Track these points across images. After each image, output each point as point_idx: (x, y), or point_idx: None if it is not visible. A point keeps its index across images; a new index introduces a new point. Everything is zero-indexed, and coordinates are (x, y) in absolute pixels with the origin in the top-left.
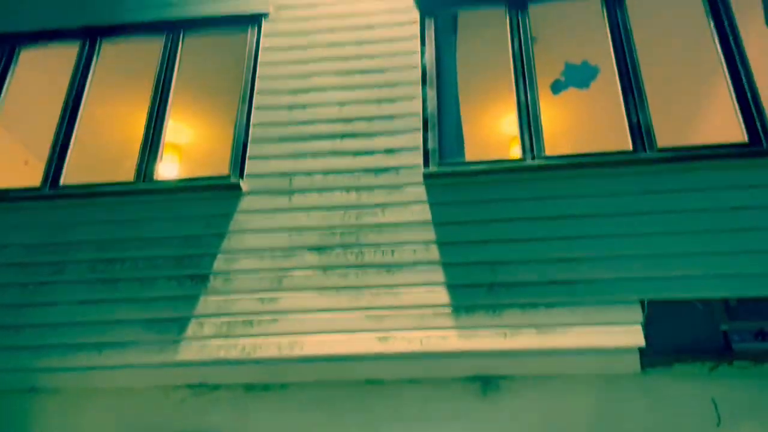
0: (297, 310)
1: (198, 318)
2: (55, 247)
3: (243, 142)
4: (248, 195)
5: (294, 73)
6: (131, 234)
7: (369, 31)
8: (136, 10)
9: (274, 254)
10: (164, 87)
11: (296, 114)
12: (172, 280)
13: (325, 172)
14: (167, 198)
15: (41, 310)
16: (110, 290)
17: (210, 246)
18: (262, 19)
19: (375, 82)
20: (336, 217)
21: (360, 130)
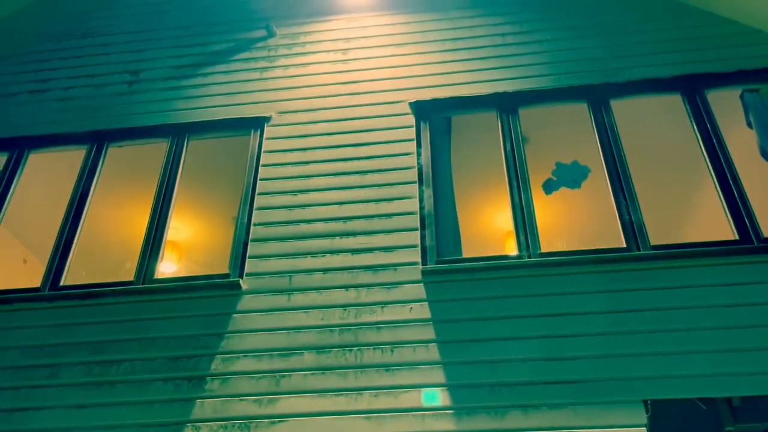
0: (295, 414)
1: (194, 423)
2: (51, 349)
3: (243, 241)
4: (248, 294)
5: (294, 174)
6: (129, 335)
7: (366, 134)
8: (143, 115)
9: (273, 355)
10: (168, 188)
11: (296, 213)
12: (168, 382)
13: (325, 270)
14: (166, 298)
15: (35, 414)
16: (105, 394)
17: (208, 347)
18: (265, 123)
19: (372, 182)
20: (335, 316)
21: (358, 229)
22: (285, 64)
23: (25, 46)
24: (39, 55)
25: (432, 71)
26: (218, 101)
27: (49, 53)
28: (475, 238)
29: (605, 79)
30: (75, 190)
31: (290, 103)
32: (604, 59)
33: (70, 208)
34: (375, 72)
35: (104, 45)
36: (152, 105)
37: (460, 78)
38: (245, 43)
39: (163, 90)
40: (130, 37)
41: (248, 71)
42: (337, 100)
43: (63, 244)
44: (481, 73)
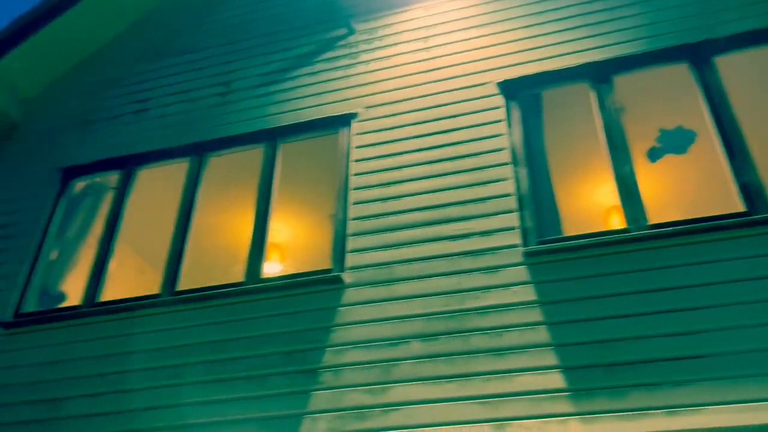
0: (408, 402)
1: (311, 414)
2: (174, 351)
3: (343, 236)
4: (351, 287)
5: (386, 166)
6: (243, 333)
7: (454, 119)
8: (237, 124)
9: (381, 345)
10: (266, 191)
11: (391, 205)
12: (283, 376)
13: (424, 259)
14: (275, 296)
15: (164, 412)
16: (226, 390)
17: (318, 340)
18: (352, 120)
19: (465, 167)
20: (438, 303)
21: (454, 215)
22: (367, 59)
23: (124, 70)
24: (138, 77)
25: (517, 48)
26: (306, 103)
27: (147, 74)
28: (575, 216)
29: (705, 36)
30: (182, 200)
31: (375, 97)
32: (701, 15)
33: (179, 217)
34: (458, 56)
35: (197, 60)
36: (245, 113)
37: (547, 52)
38: (327, 43)
39: (254, 98)
40: (219, 50)
41: (332, 70)
42: (422, 88)
43: (176, 251)
44: (569, 44)
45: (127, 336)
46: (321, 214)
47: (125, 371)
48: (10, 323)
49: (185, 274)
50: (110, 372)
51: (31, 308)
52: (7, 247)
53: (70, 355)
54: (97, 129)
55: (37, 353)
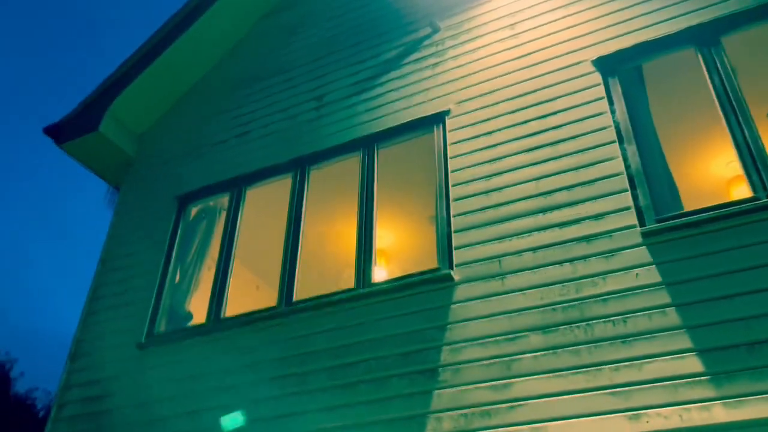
0: (533, 396)
1: (434, 413)
2: (296, 359)
3: (447, 234)
4: (461, 284)
5: (484, 159)
6: (360, 337)
7: (550, 103)
8: (333, 135)
9: (498, 340)
10: (368, 198)
11: (494, 197)
12: (403, 377)
13: (534, 249)
14: (386, 298)
15: (293, 419)
16: (349, 394)
17: (433, 339)
18: (445, 117)
19: (567, 151)
20: (554, 293)
21: (562, 201)
22: (454, 54)
23: (224, 97)
24: (237, 102)
25: (609, 22)
26: (398, 106)
27: (246, 98)
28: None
29: None
30: (289, 214)
31: (466, 92)
32: None
33: (288, 231)
34: (548, 39)
35: (290, 79)
36: (339, 124)
37: (643, 21)
38: (413, 44)
39: (347, 108)
40: (310, 66)
41: (421, 71)
42: (514, 76)
43: (288, 263)
44: (666, 10)
45: (250, 348)
46: (422, 215)
47: (253, 382)
48: (144, 344)
49: (299, 285)
50: (240, 383)
51: (162, 329)
52: (136, 273)
53: (202, 370)
54: (205, 155)
55: (171, 370)
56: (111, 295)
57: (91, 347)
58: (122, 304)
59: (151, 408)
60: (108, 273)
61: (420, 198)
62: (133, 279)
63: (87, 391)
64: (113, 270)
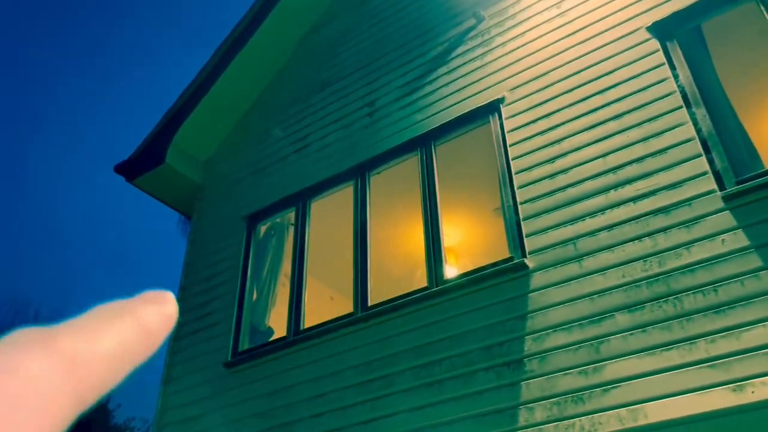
0: (626, 378)
1: (525, 404)
2: (379, 363)
3: (516, 222)
4: (536, 271)
5: (545, 142)
6: (440, 335)
7: (609, 76)
8: (389, 138)
9: (582, 324)
10: (431, 195)
11: (560, 180)
12: (489, 371)
13: (609, 227)
14: (461, 294)
15: (384, 422)
16: (436, 393)
17: (514, 330)
18: (500, 105)
19: (632, 122)
20: (636, 270)
21: (632, 175)
22: (502, 42)
23: (280, 115)
24: (294, 117)
25: None
26: (450, 101)
27: (301, 113)
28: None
29: None
30: (354, 221)
31: (519, 77)
32: None
33: (356, 238)
34: (597, 12)
35: (341, 89)
36: (393, 126)
37: None
38: (459, 37)
39: (400, 109)
40: (359, 74)
41: (469, 63)
42: (566, 54)
43: (360, 269)
44: None
45: (333, 356)
46: (487, 208)
47: (340, 389)
48: (231, 363)
49: (373, 290)
50: (327, 392)
51: (245, 346)
52: (217, 295)
53: (289, 382)
54: (268, 173)
55: (259, 386)
56: (194, 320)
57: (182, 370)
58: (205, 327)
59: (244, 425)
60: (189, 299)
61: (483, 191)
62: (213, 302)
63: (183, 412)
64: (193, 295)
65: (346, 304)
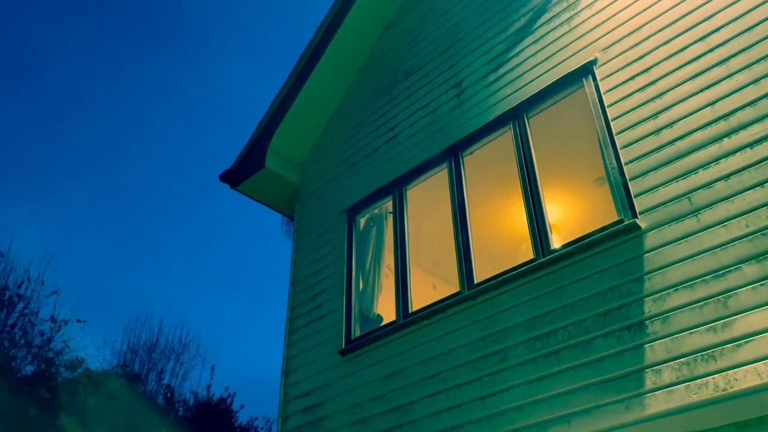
0: (761, 330)
1: (652, 367)
2: (492, 338)
3: (623, 183)
4: (650, 231)
5: (646, 99)
6: (552, 306)
7: (708, 21)
8: (480, 116)
9: (706, 280)
10: (528, 168)
11: (666, 135)
12: (609, 336)
13: (725, 177)
14: (571, 261)
15: (502, 397)
16: (554, 363)
17: (632, 293)
18: (593, 66)
19: (740, 65)
20: (761, 218)
21: (746, 120)
22: (589, 2)
23: (367, 110)
24: (379, 111)
25: None
26: (539, 70)
27: (386, 105)
28: None
29: None
30: (452, 204)
31: (610, 36)
32: None
33: (455, 218)
34: None
35: (424, 76)
36: (483, 104)
37: None
38: (542, 6)
39: (487, 86)
40: (441, 58)
41: (555, 29)
42: (660, 5)
43: (463, 249)
44: None
45: (443, 336)
46: (588, 179)
47: (453, 367)
48: (346, 350)
49: (478, 267)
50: (441, 371)
51: (357, 333)
52: (325, 288)
53: (403, 365)
54: (362, 167)
55: (374, 370)
56: (306, 313)
57: (299, 362)
58: (317, 318)
59: (362, 408)
60: (299, 294)
61: (583, 159)
62: (322, 294)
63: (304, 402)
64: (303, 290)
65: (450, 291)
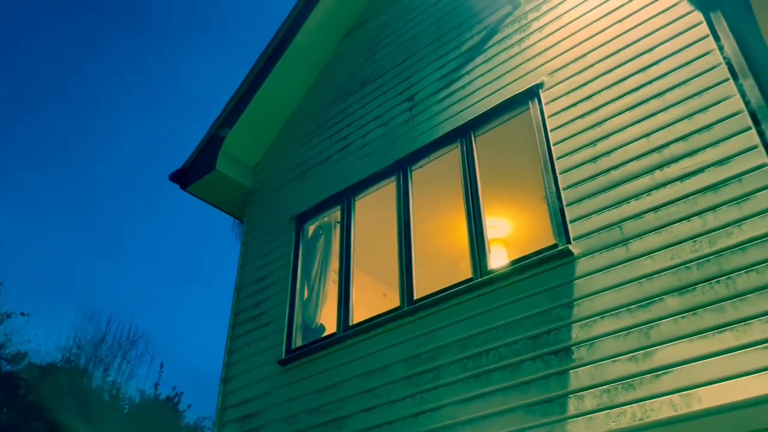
0: (678, 362)
1: (574, 393)
2: (427, 356)
3: (559, 208)
4: (582, 257)
5: (586, 126)
6: (486, 326)
7: (649, 53)
8: (429, 131)
9: (631, 309)
10: (472, 186)
11: (603, 163)
12: (537, 360)
13: (655, 209)
14: (506, 283)
15: (432, 415)
16: (484, 383)
17: (561, 318)
18: (539, 90)
19: (676, 99)
20: (686, 251)
21: (678, 153)
22: (539, 26)
23: (321, 117)
24: (334, 118)
25: None
26: (488, 90)
27: (341, 113)
28: None
29: None
30: (398, 216)
31: (557, 61)
32: None
33: (400, 233)
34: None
35: (379, 87)
36: (433, 120)
37: None
38: (495, 26)
39: (438, 102)
40: (396, 70)
41: (506, 50)
42: (605, 34)
43: (405, 264)
44: None
45: (381, 350)
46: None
47: (389, 383)
48: (285, 360)
49: (419, 283)
50: (377, 386)
51: (299, 343)
52: (269, 295)
53: (340, 378)
54: (314, 174)
55: (312, 382)
56: (249, 320)
57: (238, 369)
58: (260, 326)
59: (297, 420)
60: (243, 299)
61: (526, 179)
62: (266, 301)
63: (241, 410)
64: (248, 296)
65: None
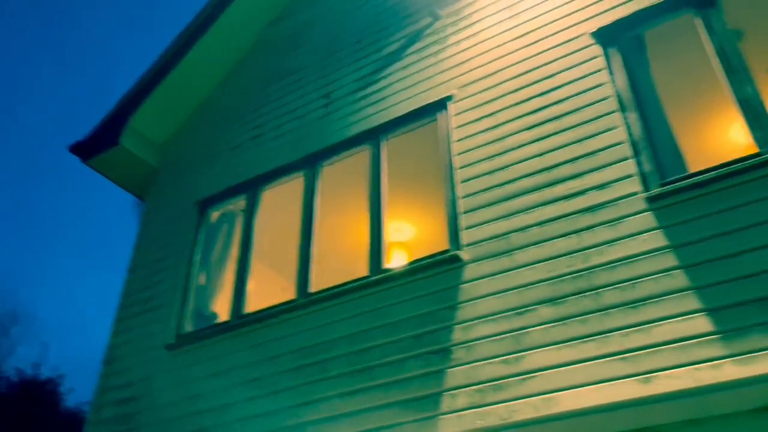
0: (544, 368)
1: (449, 391)
2: (316, 348)
3: (455, 216)
4: (470, 263)
5: (488, 140)
6: (375, 323)
7: (552, 79)
8: (341, 130)
9: (508, 315)
10: (376, 188)
11: (498, 176)
12: (418, 358)
13: (540, 223)
14: (398, 283)
15: (314, 406)
16: (367, 378)
17: (445, 320)
18: (448, 102)
19: (570, 124)
20: (562, 265)
21: (566, 174)
22: (456, 41)
23: (237, 103)
24: (250, 106)
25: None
26: (402, 96)
27: (258, 102)
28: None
29: None
30: (303, 210)
31: (469, 75)
32: None
33: (303, 226)
34: (547, 16)
35: (298, 80)
36: (347, 119)
37: None
38: (414, 35)
39: (353, 103)
40: (316, 66)
41: (423, 60)
42: (515, 56)
43: (304, 257)
44: None
45: (272, 341)
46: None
47: (276, 373)
48: (173, 345)
49: (316, 277)
50: (264, 375)
51: (188, 330)
52: (163, 278)
53: (227, 366)
54: (223, 160)
55: (199, 368)
56: (140, 302)
57: (123, 351)
58: (150, 309)
59: (181, 406)
60: (136, 281)
61: (429, 186)
62: (159, 284)
63: (121, 393)
64: (141, 277)
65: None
